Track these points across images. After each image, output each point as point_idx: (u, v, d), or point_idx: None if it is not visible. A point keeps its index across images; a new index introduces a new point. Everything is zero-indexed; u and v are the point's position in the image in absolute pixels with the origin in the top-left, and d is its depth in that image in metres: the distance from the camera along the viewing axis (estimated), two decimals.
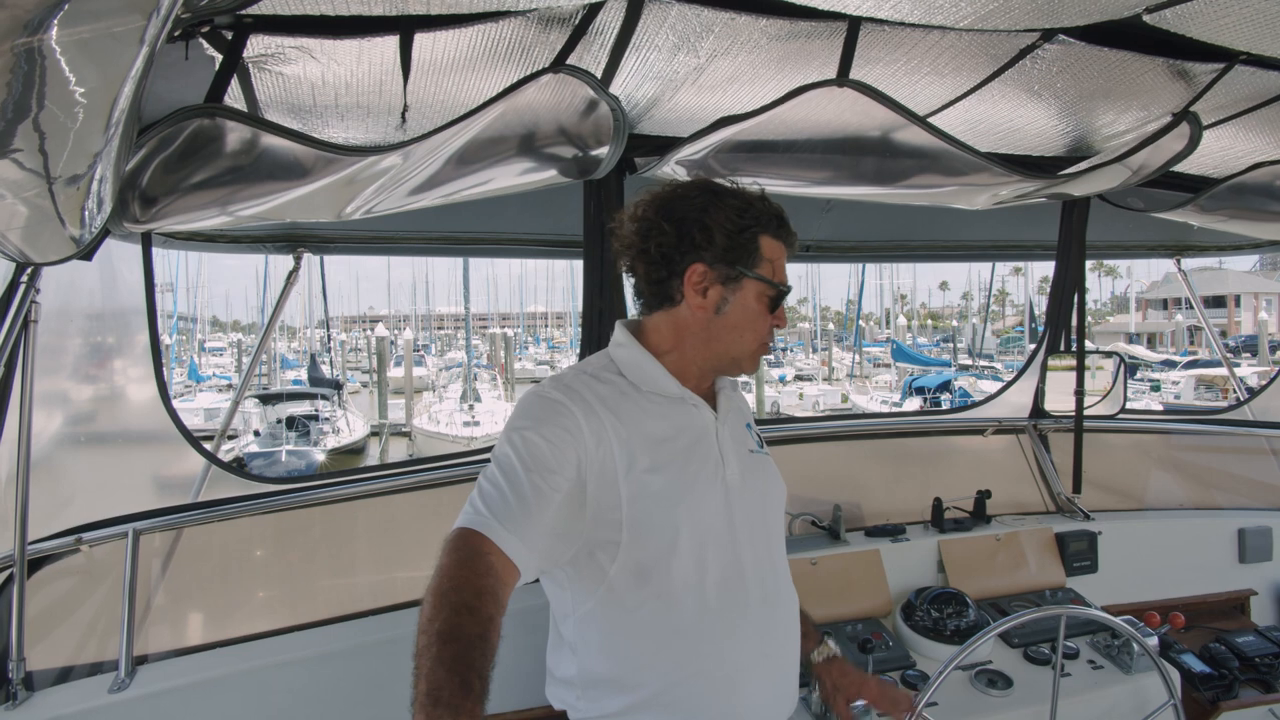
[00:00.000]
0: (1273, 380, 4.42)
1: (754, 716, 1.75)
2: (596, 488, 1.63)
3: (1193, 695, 2.79)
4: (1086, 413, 3.44)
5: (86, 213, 1.61)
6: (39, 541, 2.43)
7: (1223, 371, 5.83)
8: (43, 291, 2.25)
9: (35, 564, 2.46)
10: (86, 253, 1.95)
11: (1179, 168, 2.71)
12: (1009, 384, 3.83)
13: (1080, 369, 3.40)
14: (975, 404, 4.00)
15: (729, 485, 1.76)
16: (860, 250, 3.82)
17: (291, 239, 3.13)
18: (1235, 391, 4.59)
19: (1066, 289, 3.54)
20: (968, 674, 2.48)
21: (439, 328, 68.38)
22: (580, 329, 2.79)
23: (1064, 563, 3.10)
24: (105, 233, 2.11)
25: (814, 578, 2.67)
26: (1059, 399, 3.49)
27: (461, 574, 1.40)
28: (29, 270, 2.18)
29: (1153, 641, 2.57)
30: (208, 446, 2.97)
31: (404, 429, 27.88)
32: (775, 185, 2.54)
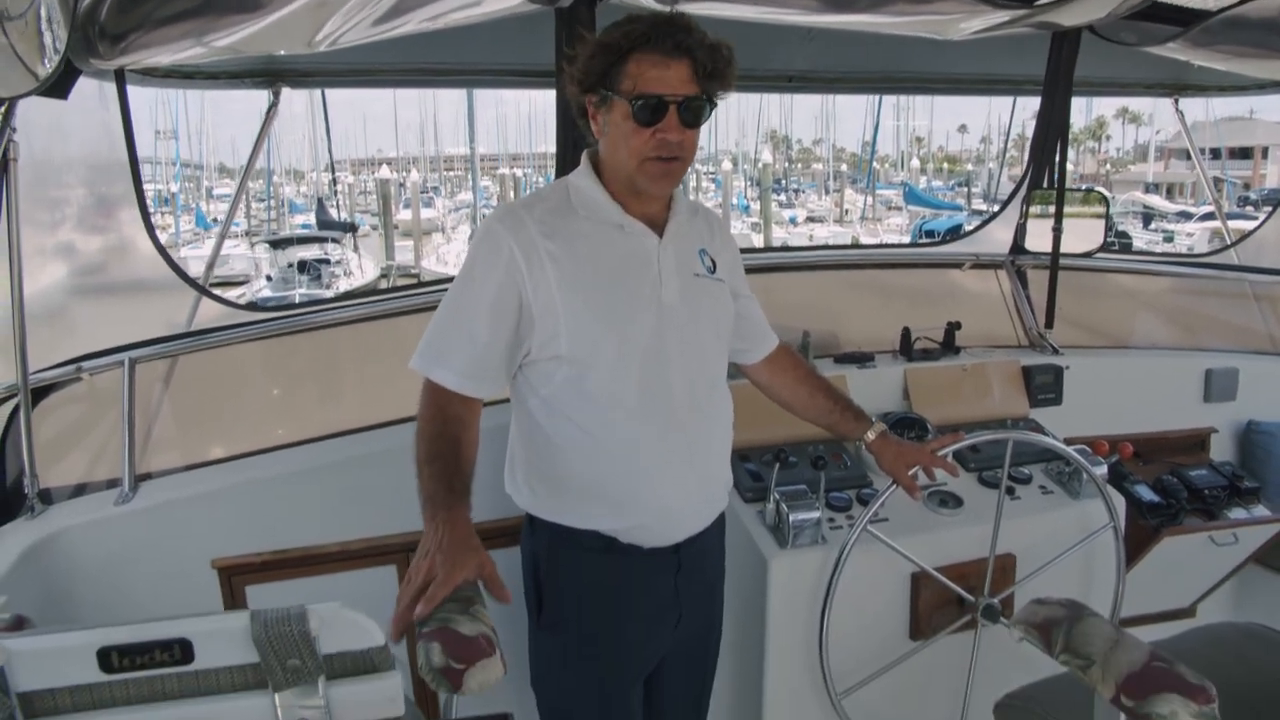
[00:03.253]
0: (1262, 224, 4.41)
1: (680, 514, 1.99)
2: (538, 308, 1.83)
3: (1139, 522, 2.92)
4: (1065, 250, 3.45)
5: (45, 44, 1.64)
6: (41, 371, 2.55)
7: (1241, 224, 5.74)
8: (33, 139, 2.29)
9: (40, 393, 2.59)
10: (53, 88, 1.98)
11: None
12: (989, 219, 3.83)
13: (1060, 205, 3.39)
14: (956, 239, 4.01)
15: (664, 305, 1.91)
16: (843, 82, 3.78)
17: (268, 73, 3.13)
18: (1226, 235, 4.56)
19: (1052, 124, 3.49)
20: (922, 494, 2.62)
21: (448, 169, 67.31)
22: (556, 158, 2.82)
23: (1029, 394, 3.19)
24: (76, 71, 2.14)
25: None
26: (1038, 235, 3.50)
27: (428, 413, 1.82)
28: (1, 109, 2.21)
29: (1100, 469, 2.71)
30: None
31: (413, 270, 27.99)
32: (746, 11, 2.50)
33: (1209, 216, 29.20)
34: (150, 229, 2.91)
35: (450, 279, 2.00)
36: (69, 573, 2.39)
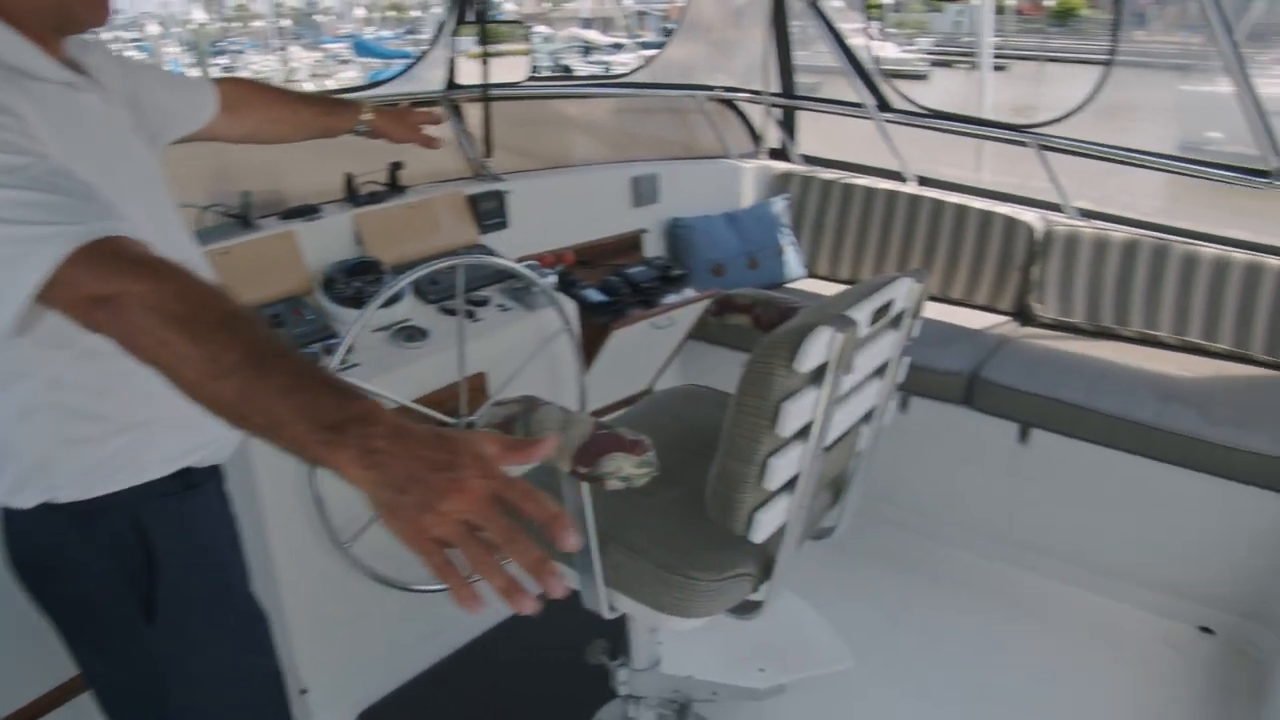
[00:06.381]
0: (664, 49, 4.89)
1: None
2: None
3: (591, 321, 3.22)
4: (495, 80, 3.54)
5: None
6: None
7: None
8: None
9: None
10: None
11: None
12: (420, 58, 3.81)
13: (484, 37, 3.44)
14: (388, 80, 3.94)
15: (149, 180, 1.48)
16: None
17: None
18: (641, 59, 4.98)
19: None
20: (387, 333, 2.66)
21: None
22: None
23: (478, 221, 3.34)
24: None
25: (228, 266, 2.58)
26: (469, 69, 3.54)
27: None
28: None
29: (549, 279, 2.94)
30: None
31: None
32: None
33: (644, 46, 32.08)
34: None
35: None
36: None
